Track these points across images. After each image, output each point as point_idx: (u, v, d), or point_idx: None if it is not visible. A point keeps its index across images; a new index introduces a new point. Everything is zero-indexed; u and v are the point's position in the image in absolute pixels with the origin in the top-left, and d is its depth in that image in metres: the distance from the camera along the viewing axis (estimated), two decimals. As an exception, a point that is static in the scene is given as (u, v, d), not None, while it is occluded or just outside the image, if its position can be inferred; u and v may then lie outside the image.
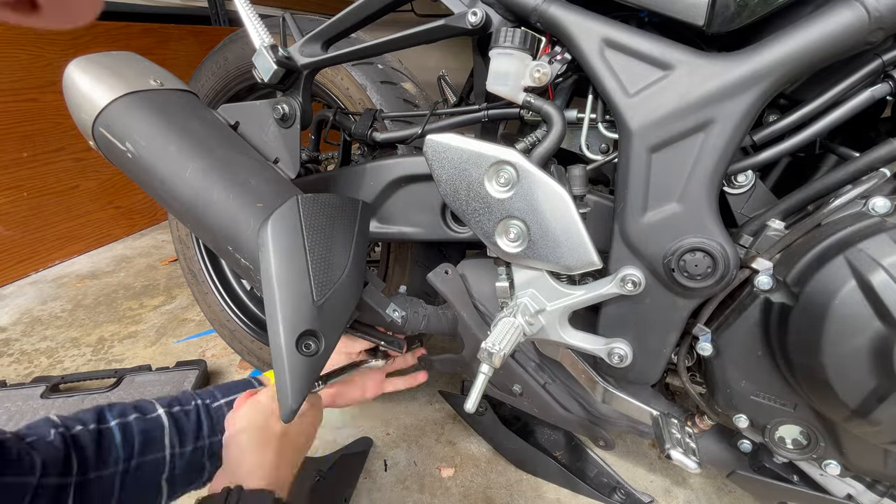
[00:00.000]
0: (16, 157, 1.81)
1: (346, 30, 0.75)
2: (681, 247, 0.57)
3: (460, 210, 0.64)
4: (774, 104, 0.61)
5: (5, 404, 1.13)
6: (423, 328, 0.78)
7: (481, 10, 0.61)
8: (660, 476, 1.00)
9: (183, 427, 0.67)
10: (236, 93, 1.11)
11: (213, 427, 0.69)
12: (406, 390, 1.23)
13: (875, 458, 0.58)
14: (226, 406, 0.71)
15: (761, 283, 0.55)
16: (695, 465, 0.62)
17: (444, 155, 0.62)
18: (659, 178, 0.57)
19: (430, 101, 1.02)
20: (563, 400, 0.81)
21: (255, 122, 0.82)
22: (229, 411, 0.67)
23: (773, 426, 0.62)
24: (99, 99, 0.68)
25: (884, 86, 0.53)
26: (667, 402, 0.76)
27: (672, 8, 0.54)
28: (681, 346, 0.66)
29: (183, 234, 1.30)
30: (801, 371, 0.54)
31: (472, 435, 1.09)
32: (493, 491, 0.97)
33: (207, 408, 0.70)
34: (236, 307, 1.29)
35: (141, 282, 1.85)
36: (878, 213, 0.50)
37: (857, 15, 0.47)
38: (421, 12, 1.57)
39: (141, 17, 2.23)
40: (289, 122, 0.80)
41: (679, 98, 0.54)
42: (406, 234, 0.81)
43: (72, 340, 1.50)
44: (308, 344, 0.57)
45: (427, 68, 1.24)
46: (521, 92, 0.62)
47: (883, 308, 0.46)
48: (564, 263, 0.61)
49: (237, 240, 0.64)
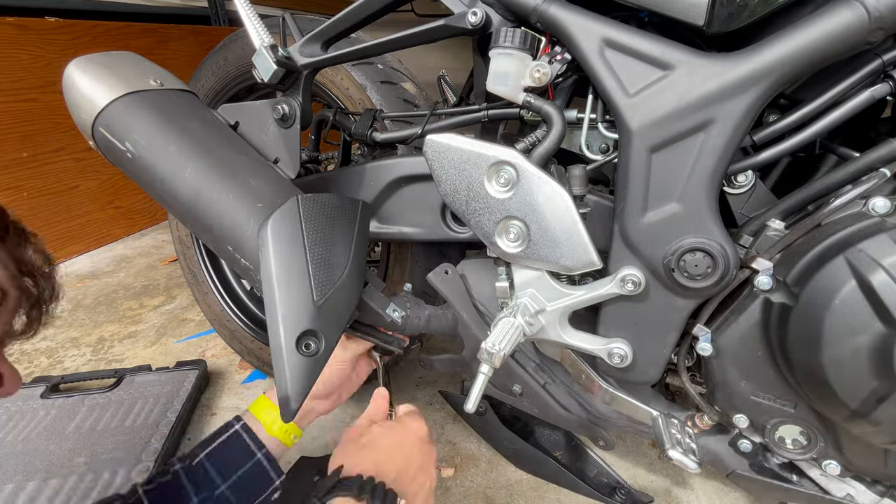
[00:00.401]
0: (16, 157, 1.81)
1: (345, 30, 0.75)
2: (681, 247, 0.57)
3: (460, 210, 0.64)
4: (774, 104, 0.61)
5: (5, 404, 1.13)
6: (423, 328, 0.78)
7: (481, 10, 0.61)
8: (660, 476, 1.00)
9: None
10: (236, 93, 1.11)
11: (197, 485, 0.65)
12: (405, 390, 1.24)
13: (875, 457, 0.58)
14: (205, 459, 0.67)
15: (761, 284, 0.55)
16: (695, 465, 0.62)
17: (444, 155, 0.62)
18: (659, 178, 0.57)
19: (430, 101, 1.02)
20: (563, 400, 0.81)
21: (255, 122, 0.82)
22: (210, 463, 0.65)
23: (773, 426, 0.62)
24: (99, 99, 0.68)
25: (884, 86, 0.53)
26: (667, 402, 0.76)
27: (672, 8, 0.54)
28: (681, 346, 0.66)
29: (183, 234, 1.30)
30: (801, 371, 0.54)
31: (472, 435, 1.09)
32: (493, 491, 0.97)
33: (188, 470, 0.66)
34: (236, 307, 1.29)
35: (141, 282, 1.85)
36: (878, 214, 0.50)
37: (857, 15, 0.47)
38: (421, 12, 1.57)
39: (141, 17, 2.24)
40: (289, 123, 0.80)
41: (679, 98, 0.54)
42: (406, 234, 0.81)
43: (72, 340, 1.50)
44: (308, 344, 0.57)
45: (427, 68, 1.24)
46: (521, 92, 0.62)
47: (883, 308, 0.46)
48: (564, 263, 0.61)
49: (237, 240, 0.64)
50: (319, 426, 1.13)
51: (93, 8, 2.06)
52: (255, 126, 0.82)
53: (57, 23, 1.86)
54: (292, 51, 0.77)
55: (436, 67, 1.00)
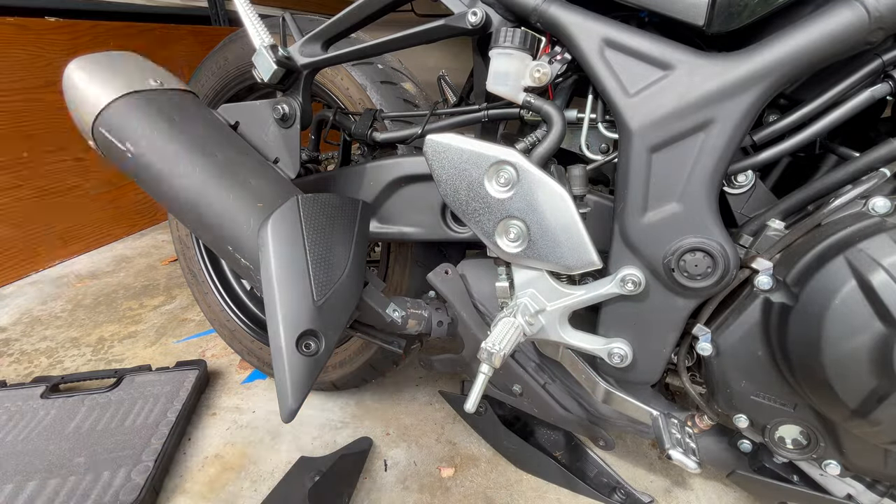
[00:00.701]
0: (16, 156, 1.81)
1: (345, 30, 0.75)
2: (681, 247, 0.57)
3: (460, 210, 0.64)
4: (774, 104, 0.61)
5: (5, 404, 1.13)
6: (423, 328, 0.78)
7: (481, 10, 0.61)
8: (660, 476, 1.00)
9: None
10: (236, 93, 1.11)
11: None
12: (405, 390, 1.24)
13: (875, 457, 0.58)
14: None
15: (761, 283, 0.55)
16: (695, 465, 0.62)
17: (444, 155, 0.62)
18: (659, 177, 0.57)
19: (430, 101, 1.02)
20: (563, 400, 0.81)
21: (256, 123, 0.82)
22: None
23: (773, 426, 0.62)
24: (99, 98, 0.68)
25: (884, 86, 0.53)
26: (667, 402, 0.76)
27: (672, 8, 0.54)
28: (681, 346, 0.66)
29: (183, 234, 1.30)
30: (801, 371, 0.54)
31: (472, 435, 1.09)
32: (493, 491, 0.97)
33: None
34: (236, 307, 1.29)
35: (141, 282, 1.85)
36: (878, 213, 0.50)
37: (857, 15, 0.47)
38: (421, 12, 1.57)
39: (141, 17, 2.24)
40: (289, 122, 0.80)
41: (679, 98, 0.54)
42: (406, 234, 0.81)
43: (72, 340, 1.50)
44: (308, 344, 0.57)
45: (427, 68, 1.24)
46: (521, 92, 0.62)
47: (883, 308, 0.46)
48: (564, 263, 0.61)
49: (237, 240, 0.64)
50: (319, 426, 1.13)
51: (93, 8, 2.06)
52: (256, 126, 0.82)
53: (57, 23, 1.86)
54: (292, 51, 0.77)
55: (436, 67, 1.00)
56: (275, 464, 1.03)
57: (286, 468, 1.01)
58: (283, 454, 1.05)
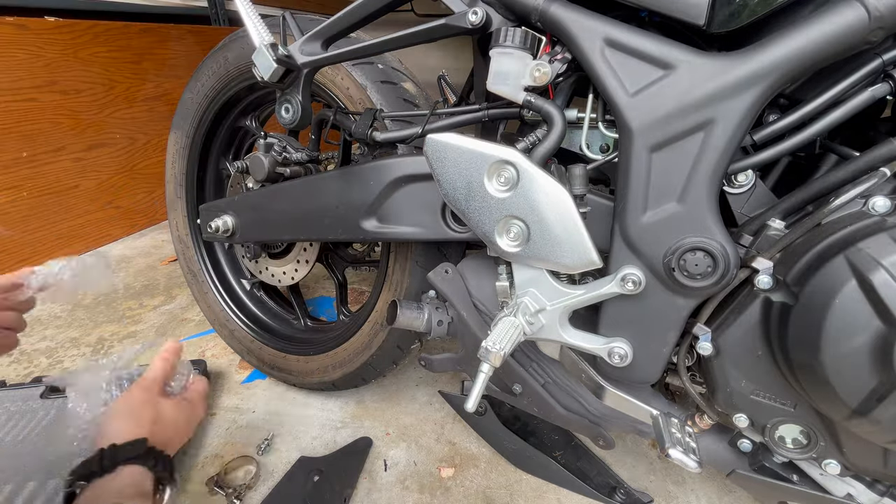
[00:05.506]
0: (16, 156, 1.80)
1: (345, 29, 0.75)
2: (681, 246, 0.57)
3: (460, 210, 0.64)
4: (774, 104, 0.61)
5: (5, 404, 1.13)
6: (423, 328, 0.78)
7: (482, 10, 0.61)
8: (660, 476, 1.00)
9: None
10: (236, 92, 1.11)
11: None
12: (405, 390, 1.24)
13: (875, 457, 0.58)
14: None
15: (761, 283, 0.55)
16: (695, 465, 0.62)
17: (445, 154, 0.62)
18: (659, 177, 0.57)
19: (430, 101, 1.02)
20: (563, 400, 0.81)
21: None
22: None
23: (773, 425, 0.62)
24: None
25: (884, 85, 0.53)
26: (667, 401, 0.76)
27: (672, 7, 0.54)
28: (681, 346, 0.66)
29: (182, 234, 1.30)
30: (802, 370, 0.54)
31: (472, 435, 1.09)
32: (493, 491, 0.97)
33: None
34: (236, 307, 1.29)
35: (141, 282, 1.85)
36: (878, 213, 0.50)
37: (858, 15, 0.47)
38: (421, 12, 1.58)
39: (141, 16, 2.23)
40: (289, 122, 0.80)
41: (679, 97, 0.54)
42: (406, 234, 0.81)
43: (71, 340, 1.50)
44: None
45: (427, 68, 1.24)
46: (522, 91, 0.62)
47: (883, 307, 0.46)
48: (565, 263, 0.61)
49: None
50: (319, 426, 1.13)
51: (92, 8, 2.05)
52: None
53: (56, 22, 1.86)
54: (292, 49, 0.77)
55: (436, 67, 1.00)
56: (274, 464, 1.03)
57: (286, 468, 1.01)
58: (282, 454, 1.05)
